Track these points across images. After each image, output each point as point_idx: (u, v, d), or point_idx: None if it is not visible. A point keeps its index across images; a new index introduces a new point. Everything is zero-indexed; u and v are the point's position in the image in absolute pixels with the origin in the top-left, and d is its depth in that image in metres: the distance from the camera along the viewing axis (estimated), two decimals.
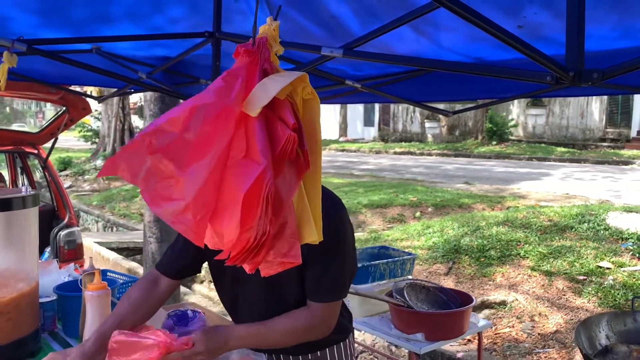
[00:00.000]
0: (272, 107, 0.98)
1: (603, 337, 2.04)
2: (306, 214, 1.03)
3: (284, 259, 1.01)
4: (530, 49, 1.16)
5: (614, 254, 5.62)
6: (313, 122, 1.05)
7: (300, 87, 1.03)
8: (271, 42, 1.05)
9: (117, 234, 9.40)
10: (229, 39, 2.28)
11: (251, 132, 0.95)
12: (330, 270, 1.52)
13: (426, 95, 3.52)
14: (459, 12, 1.06)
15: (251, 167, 0.92)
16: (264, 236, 0.94)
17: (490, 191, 10.14)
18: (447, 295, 2.77)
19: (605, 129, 19.42)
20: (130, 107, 20.33)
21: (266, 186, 0.92)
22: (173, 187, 0.94)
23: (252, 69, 1.01)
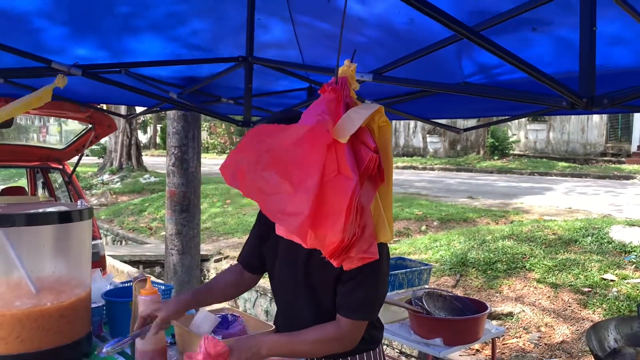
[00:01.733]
0: (355, 134, 1.23)
1: (612, 340, 2.18)
2: (381, 218, 1.28)
3: (364, 255, 1.23)
4: (547, 77, 1.32)
5: (618, 266, 5.76)
6: (386, 144, 1.31)
7: (377, 116, 1.29)
8: (350, 80, 1.31)
9: (128, 248, 9.51)
10: (262, 64, 2.45)
11: (341, 154, 1.18)
12: (361, 289, 1.63)
13: (437, 113, 3.69)
14: (483, 45, 1.22)
15: (346, 183, 1.15)
16: (354, 237, 1.17)
17: (494, 205, 10.28)
18: (463, 303, 2.91)
19: (606, 144, 19.59)
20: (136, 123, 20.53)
21: (356, 198, 1.15)
22: (287, 201, 1.16)
23: (338, 102, 1.26)
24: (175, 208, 4.44)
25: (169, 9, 2.31)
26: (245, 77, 2.27)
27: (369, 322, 1.73)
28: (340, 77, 1.27)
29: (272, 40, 2.58)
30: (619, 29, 1.75)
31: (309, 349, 1.66)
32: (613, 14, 1.56)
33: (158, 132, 32.34)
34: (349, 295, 1.63)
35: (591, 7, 1.30)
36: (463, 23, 1.15)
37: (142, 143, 30.04)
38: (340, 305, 1.66)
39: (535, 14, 1.80)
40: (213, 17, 2.42)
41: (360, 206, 1.15)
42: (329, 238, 1.15)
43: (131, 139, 18.97)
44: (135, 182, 16.55)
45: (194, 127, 4.56)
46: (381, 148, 1.25)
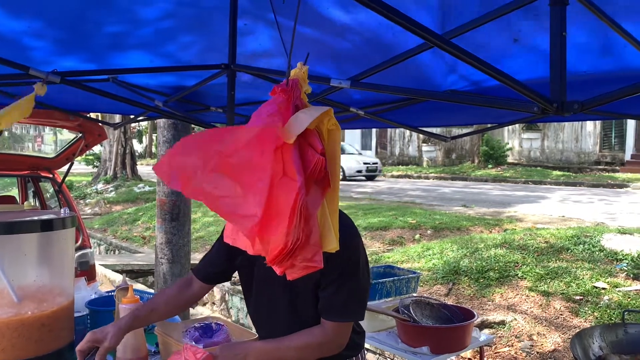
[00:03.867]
0: (303, 136, 1.20)
1: (597, 347, 2.17)
2: (327, 225, 1.23)
3: (309, 264, 1.20)
4: (517, 82, 1.34)
5: (609, 274, 5.77)
6: (335, 148, 1.27)
7: (326, 119, 1.25)
8: (301, 83, 1.28)
9: (121, 257, 9.48)
10: (244, 71, 2.46)
11: (287, 156, 1.15)
12: (343, 291, 1.63)
13: (426, 121, 3.70)
14: (451, 52, 1.24)
15: (290, 185, 1.12)
16: (298, 242, 1.14)
17: (487, 214, 10.30)
18: (450, 312, 2.91)
19: (600, 153, 19.69)
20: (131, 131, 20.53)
21: (300, 200, 1.12)
22: (239, 204, 1.14)
23: (287, 103, 1.23)
24: (165, 217, 4.43)
25: (158, 26, 2.33)
26: (228, 84, 2.29)
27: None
28: (292, 79, 1.25)
29: (260, 49, 2.59)
30: (589, 36, 1.77)
31: (296, 355, 1.66)
32: (583, 20, 1.58)
33: (154, 142, 32.35)
34: (331, 299, 1.64)
35: (561, 13, 1.31)
36: (432, 30, 1.16)
37: (138, 152, 30.04)
38: (324, 310, 1.66)
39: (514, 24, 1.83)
40: (201, 30, 2.44)
41: (305, 210, 1.13)
42: (272, 243, 1.13)
43: (126, 148, 18.96)
44: (130, 191, 16.53)
45: (184, 136, 4.55)
46: (330, 152, 1.23)
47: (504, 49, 2.04)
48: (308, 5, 1.99)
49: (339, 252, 1.64)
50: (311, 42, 2.36)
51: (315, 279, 1.65)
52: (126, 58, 2.60)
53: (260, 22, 2.39)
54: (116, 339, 1.69)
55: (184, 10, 2.12)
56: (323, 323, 1.66)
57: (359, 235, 1.71)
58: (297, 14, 1.28)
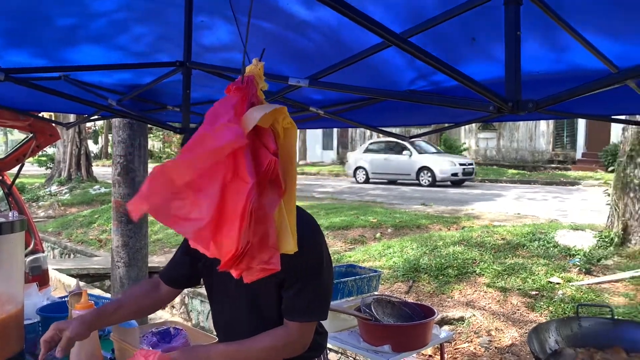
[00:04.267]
0: (257, 135, 1.16)
1: (552, 341, 2.22)
2: (285, 227, 1.20)
3: (265, 266, 1.17)
4: (473, 81, 1.35)
5: (563, 269, 5.95)
6: (291, 148, 1.24)
7: (281, 117, 1.21)
8: (257, 79, 1.24)
9: (76, 261, 9.20)
10: (199, 68, 2.41)
11: (239, 156, 1.11)
12: (307, 290, 1.62)
13: (385, 120, 3.72)
14: (409, 50, 1.23)
15: (242, 186, 1.09)
16: (248, 245, 1.10)
17: (446, 212, 10.48)
18: (411, 309, 2.93)
19: (553, 151, 20.33)
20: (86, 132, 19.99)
21: (251, 202, 1.09)
22: (188, 207, 1.09)
23: (242, 101, 1.19)
24: (121, 219, 4.31)
25: (111, 18, 2.26)
26: (183, 82, 2.23)
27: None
28: (247, 76, 1.22)
29: (218, 43, 2.54)
30: (543, 37, 1.81)
31: (260, 357, 1.63)
32: (537, 22, 1.61)
33: (109, 142, 31.57)
34: (295, 299, 1.62)
35: (515, 12, 1.33)
36: (390, 29, 1.16)
37: (93, 153, 29.23)
38: (287, 310, 1.64)
39: (472, 25, 1.85)
40: (156, 23, 2.38)
41: (256, 213, 1.10)
42: (225, 246, 1.09)
43: (80, 148, 18.43)
44: (85, 193, 16.07)
45: (141, 136, 4.45)
46: (285, 152, 1.21)
47: (462, 50, 2.06)
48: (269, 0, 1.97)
49: (302, 251, 1.61)
50: (271, 38, 2.34)
51: (278, 280, 1.62)
52: (78, 53, 2.50)
53: (217, 17, 2.35)
54: (79, 330, 1.62)
55: (138, 2, 2.06)
56: (286, 323, 1.64)
57: (322, 234, 1.69)
58: (250, 7, 1.24)
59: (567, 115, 2.32)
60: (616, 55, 1.78)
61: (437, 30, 1.60)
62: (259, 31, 2.39)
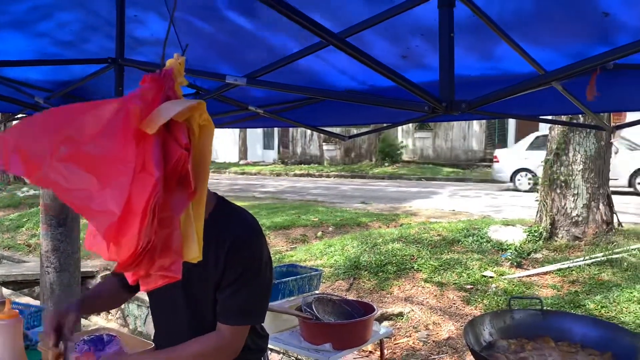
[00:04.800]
0: (169, 129, 1.09)
1: (487, 334, 2.30)
2: (191, 232, 1.11)
3: (166, 273, 1.08)
4: (409, 82, 1.38)
5: (496, 264, 6.19)
6: (205, 147, 1.16)
7: (197, 113, 1.13)
8: (176, 74, 1.17)
9: (3, 267, 8.69)
10: (132, 66, 2.33)
11: (148, 148, 1.03)
12: (242, 293, 1.57)
13: (325, 120, 3.73)
14: (346, 51, 1.24)
15: (147, 179, 1.01)
16: (149, 244, 1.02)
17: (385, 210, 10.67)
18: (352, 307, 2.96)
19: (485, 150, 21.13)
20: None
21: (155, 197, 1.00)
22: (94, 198, 1.00)
23: (156, 94, 1.10)
24: (50, 222, 4.10)
25: (32, 3, 2.14)
26: (116, 80, 2.15)
27: (253, 330, 1.69)
28: (165, 69, 1.15)
29: (151, 38, 2.46)
30: (475, 41, 1.87)
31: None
32: (469, 27, 1.66)
33: None
34: (228, 300, 1.57)
35: (449, 14, 1.36)
36: (327, 28, 1.15)
37: None
38: (220, 312, 1.59)
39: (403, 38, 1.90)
40: (82, 11, 2.27)
41: (159, 211, 1.01)
42: (124, 245, 1.00)
43: None
44: (12, 195, 15.24)
45: None
46: (200, 150, 1.12)
47: (395, 57, 2.11)
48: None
49: (241, 252, 1.58)
50: (209, 37, 2.29)
51: (215, 281, 1.59)
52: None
53: (151, 12, 2.28)
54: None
55: None
56: (219, 327, 1.59)
57: (261, 234, 1.65)
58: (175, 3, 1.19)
59: (499, 115, 2.42)
60: (542, 61, 1.87)
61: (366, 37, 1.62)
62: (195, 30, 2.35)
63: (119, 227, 0.99)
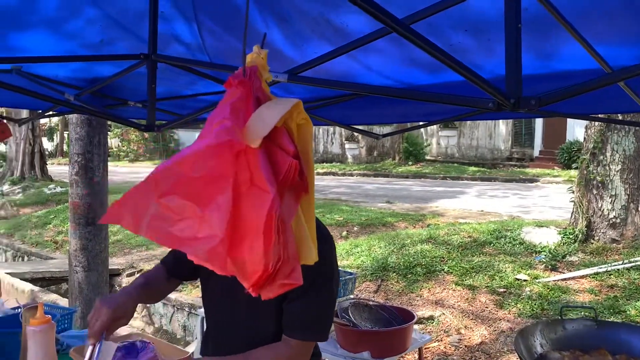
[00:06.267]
0: (269, 135, 1.00)
1: (538, 345, 2.17)
2: (304, 235, 1.05)
3: (286, 281, 1.01)
4: (475, 74, 1.26)
5: (529, 266, 6.01)
6: (306, 146, 1.08)
7: (295, 113, 1.05)
8: (261, 70, 1.07)
9: (30, 264, 8.77)
10: (166, 62, 2.26)
11: (253, 162, 0.96)
12: (314, 306, 1.50)
13: (357, 119, 3.63)
14: (411, 38, 1.13)
15: (262, 197, 0.94)
16: (279, 261, 0.96)
17: (410, 209, 10.51)
18: (389, 313, 2.85)
19: (512, 149, 20.76)
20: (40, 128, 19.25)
21: (276, 214, 0.93)
22: (196, 226, 0.94)
23: (247, 99, 1.02)
24: (79, 221, 4.08)
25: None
26: (149, 76, 2.08)
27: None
28: (249, 66, 1.05)
29: (180, 38, 2.40)
30: (528, 37, 1.75)
31: None
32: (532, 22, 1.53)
33: (65, 140, 30.49)
34: (299, 314, 1.49)
35: (516, 5, 1.24)
36: (392, 14, 1.04)
37: (48, 151, 28.23)
38: (290, 325, 1.51)
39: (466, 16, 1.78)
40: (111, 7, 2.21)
41: (282, 224, 0.94)
42: (249, 265, 0.93)
43: (34, 146, 17.72)
44: (39, 192, 15.44)
45: (100, 133, 4.22)
46: (301, 150, 1.05)
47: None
48: None
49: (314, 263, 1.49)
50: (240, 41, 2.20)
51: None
52: (27, 39, 2.30)
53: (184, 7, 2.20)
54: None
55: None
56: (287, 340, 1.50)
57: (332, 244, 1.56)
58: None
59: (551, 114, 2.26)
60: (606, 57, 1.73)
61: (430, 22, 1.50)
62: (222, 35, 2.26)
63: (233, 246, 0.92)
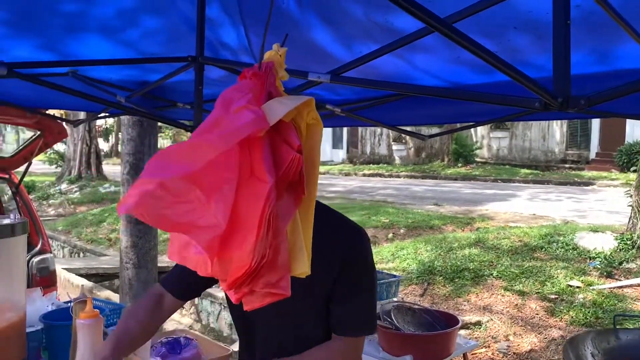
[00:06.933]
0: (276, 129, 0.99)
1: (589, 355, 2.08)
2: (299, 244, 1.00)
3: (273, 290, 0.96)
4: (520, 73, 1.22)
5: (583, 273, 5.78)
6: (313, 147, 1.06)
7: (305, 111, 1.04)
8: (277, 67, 1.08)
9: (85, 260, 9.14)
10: (213, 64, 2.30)
11: (256, 152, 0.94)
12: (366, 303, 1.51)
13: (402, 119, 3.59)
14: (454, 38, 1.11)
15: (259, 188, 0.90)
16: (263, 259, 0.91)
17: (459, 212, 10.31)
18: (432, 317, 2.80)
19: (566, 151, 20.05)
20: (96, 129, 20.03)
21: (269, 206, 0.90)
22: (198, 212, 0.90)
23: (258, 92, 1.01)
24: (130, 219, 4.22)
25: (118, 5, 2.15)
26: (196, 78, 2.12)
27: None
28: (265, 62, 1.05)
29: (226, 42, 2.44)
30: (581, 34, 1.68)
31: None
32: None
33: (120, 140, 31.61)
34: (352, 314, 1.49)
35: (564, 0, 1.20)
36: (434, 14, 1.02)
37: (104, 151, 29.30)
38: (341, 326, 1.50)
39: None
40: (163, 13, 2.27)
41: (274, 219, 0.89)
42: (235, 261, 0.89)
43: (90, 147, 18.46)
44: (95, 191, 16.06)
45: (150, 134, 4.35)
46: (308, 151, 1.01)
47: None
48: None
49: (356, 261, 1.46)
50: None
51: (324, 295, 1.48)
52: (84, 45, 2.39)
53: (230, 12, 2.24)
54: None
55: None
56: (340, 338, 1.50)
57: (368, 237, 1.57)
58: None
59: (604, 114, 2.16)
60: None
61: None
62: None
63: (225, 241, 0.88)
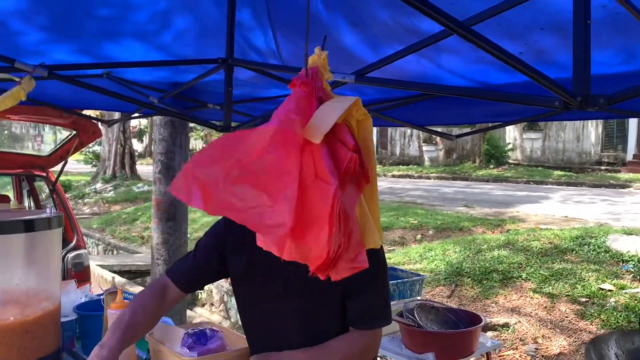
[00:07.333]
0: (331, 131, 1.11)
1: (612, 355, 2.07)
2: (368, 222, 1.16)
3: (352, 264, 1.11)
4: (539, 74, 1.23)
5: (615, 276, 5.66)
6: (367, 140, 1.19)
7: (354, 109, 1.16)
8: (322, 70, 1.17)
9: (118, 257, 9.39)
10: (242, 66, 2.36)
11: (317, 156, 1.07)
12: (381, 295, 1.57)
13: (429, 119, 3.60)
14: (473, 40, 1.13)
15: (325, 188, 1.04)
16: (340, 248, 1.06)
17: (489, 214, 10.19)
18: (456, 316, 2.80)
19: (602, 153, 19.56)
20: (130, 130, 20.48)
21: (338, 204, 1.04)
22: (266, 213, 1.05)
23: (309, 98, 1.13)
24: (161, 217, 4.34)
25: (152, 10, 2.23)
26: (226, 79, 2.18)
27: None
28: (310, 67, 1.15)
29: (255, 45, 2.50)
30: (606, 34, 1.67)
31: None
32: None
33: (153, 141, 32.19)
34: (368, 308, 1.55)
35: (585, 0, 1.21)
36: (452, 16, 1.05)
37: (138, 152, 29.92)
38: (359, 319, 1.56)
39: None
40: (195, 18, 2.34)
41: (343, 213, 1.05)
42: (314, 252, 1.04)
43: (125, 147, 18.89)
44: (129, 190, 16.43)
45: (182, 134, 4.47)
46: (362, 144, 1.15)
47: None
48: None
49: (369, 256, 1.53)
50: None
51: (337, 290, 1.51)
52: (119, 48, 2.49)
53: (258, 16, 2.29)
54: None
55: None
56: (357, 331, 1.56)
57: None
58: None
59: (631, 114, 2.14)
60: None
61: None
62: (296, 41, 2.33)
63: (299, 234, 1.04)
